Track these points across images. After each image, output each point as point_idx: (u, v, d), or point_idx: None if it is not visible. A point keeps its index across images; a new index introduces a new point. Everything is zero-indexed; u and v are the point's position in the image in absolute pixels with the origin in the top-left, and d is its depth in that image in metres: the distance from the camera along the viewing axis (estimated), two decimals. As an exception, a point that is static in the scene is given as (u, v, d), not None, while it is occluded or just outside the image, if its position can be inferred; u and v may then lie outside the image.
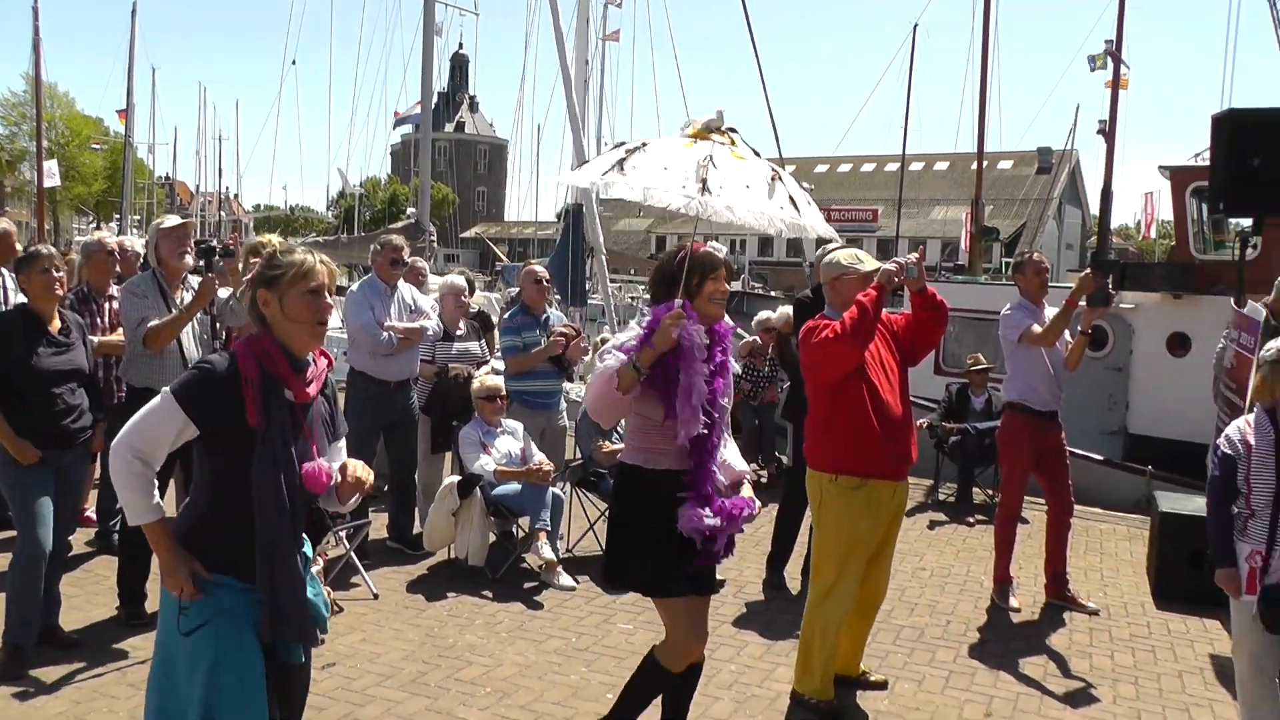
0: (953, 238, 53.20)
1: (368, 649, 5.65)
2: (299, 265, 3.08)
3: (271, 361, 3.05)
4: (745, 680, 5.41)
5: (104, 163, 69.05)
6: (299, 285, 3.07)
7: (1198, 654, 6.05)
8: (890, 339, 5.09)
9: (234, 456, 3.02)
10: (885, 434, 4.85)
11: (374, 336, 7.08)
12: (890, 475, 4.96)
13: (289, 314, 3.08)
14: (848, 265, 5.00)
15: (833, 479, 4.94)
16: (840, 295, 5.01)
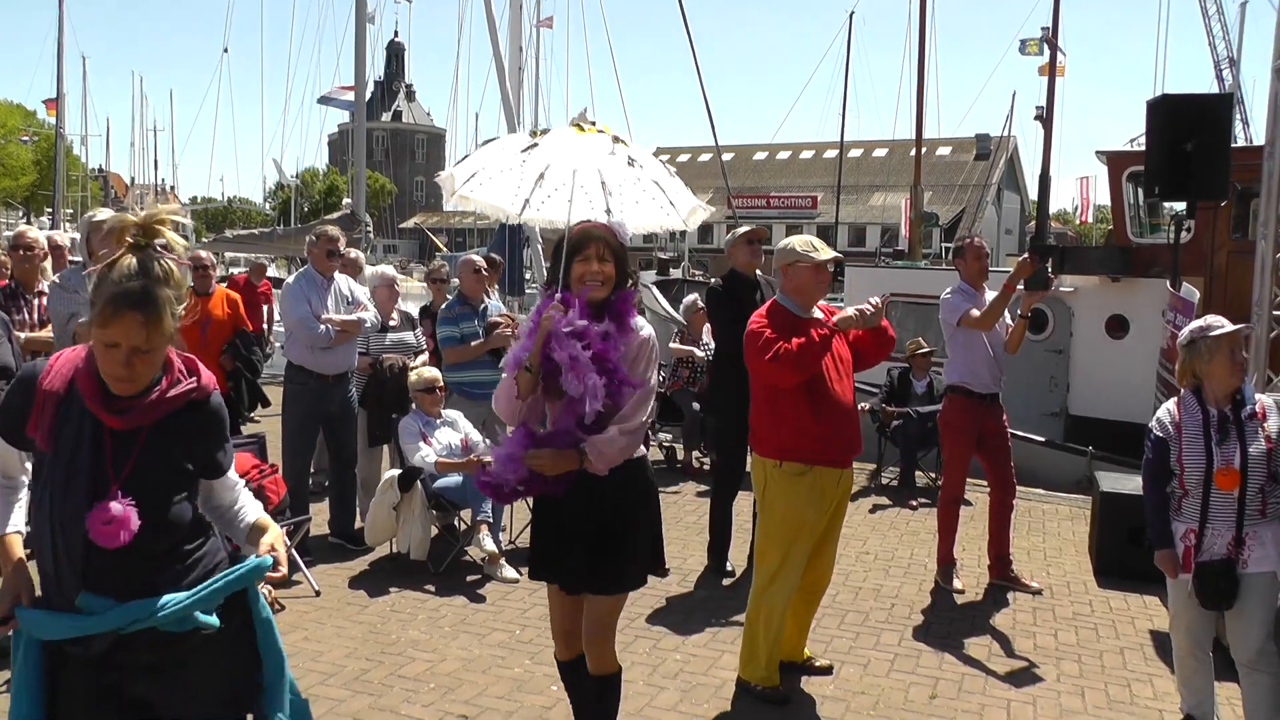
0: (892, 223, 53.72)
1: (310, 647, 5.55)
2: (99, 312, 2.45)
3: (80, 377, 2.54)
4: (690, 669, 5.39)
5: (33, 155, 67.63)
6: (96, 330, 2.48)
7: (1138, 630, 6.13)
8: None
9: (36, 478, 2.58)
10: (831, 422, 4.83)
11: (311, 330, 6.96)
12: (836, 462, 4.95)
13: (93, 351, 2.55)
14: (801, 253, 4.94)
15: (777, 465, 4.92)
16: (792, 281, 4.99)
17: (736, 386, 6.94)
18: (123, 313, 2.44)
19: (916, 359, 10.19)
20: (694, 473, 10.13)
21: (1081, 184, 42.32)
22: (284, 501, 6.59)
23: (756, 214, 61.04)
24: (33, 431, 2.52)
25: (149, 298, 2.47)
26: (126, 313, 2.44)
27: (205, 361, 8.36)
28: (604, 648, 3.93)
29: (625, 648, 5.62)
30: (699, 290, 15.33)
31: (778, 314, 4.99)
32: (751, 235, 7.04)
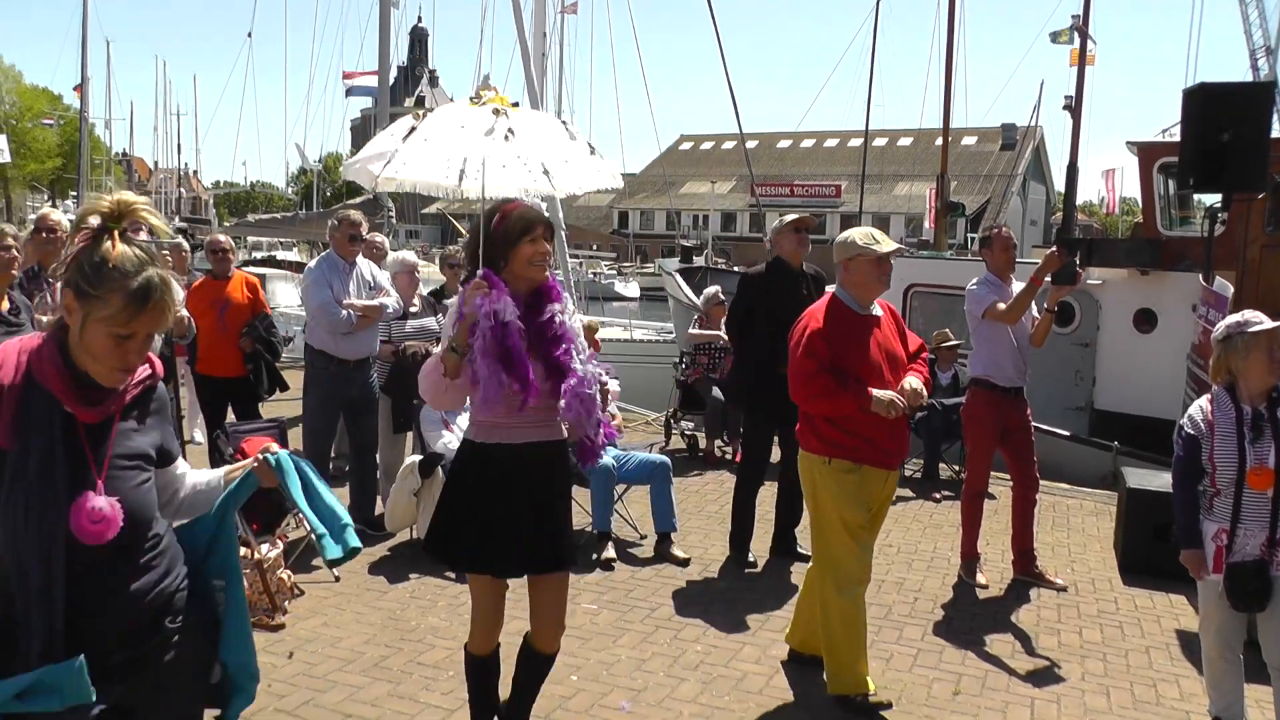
0: (917, 213, 53.48)
1: (329, 633, 5.54)
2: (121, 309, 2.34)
3: (44, 375, 2.36)
4: (711, 661, 5.35)
5: (58, 139, 68.00)
6: (110, 327, 2.35)
7: (1164, 629, 6.05)
8: (896, 328, 5.01)
9: None
10: (880, 421, 4.69)
11: (332, 315, 6.95)
12: (883, 463, 4.86)
13: (87, 344, 2.37)
14: (863, 245, 4.81)
15: (826, 462, 4.82)
16: (853, 275, 4.87)
17: (757, 376, 6.91)
18: (152, 302, 2.37)
19: (942, 351, 10.10)
20: (716, 462, 10.09)
21: (1107, 176, 41.91)
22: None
23: (780, 202, 60.92)
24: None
25: (167, 285, 2.42)
26: (156, 302, 2.38)
27: (224, 345, 8.34)
28: (562, 626, 4.09)
29: (645, 638, 5.60)
30: (721, 279, 15.29)
31: (836, 311, 4.88)
32: (799, 223, 6.96)
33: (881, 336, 4.87)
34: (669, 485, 7.17)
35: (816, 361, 4.72)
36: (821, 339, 4.76)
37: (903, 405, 4.63)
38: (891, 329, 4.96)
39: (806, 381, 4.75)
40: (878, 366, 4.77)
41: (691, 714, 4.75)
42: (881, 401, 4.59)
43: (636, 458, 7.35)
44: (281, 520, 6.39)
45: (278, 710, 4.62)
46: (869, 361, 4.77)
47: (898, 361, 4.88)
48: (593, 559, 6.86)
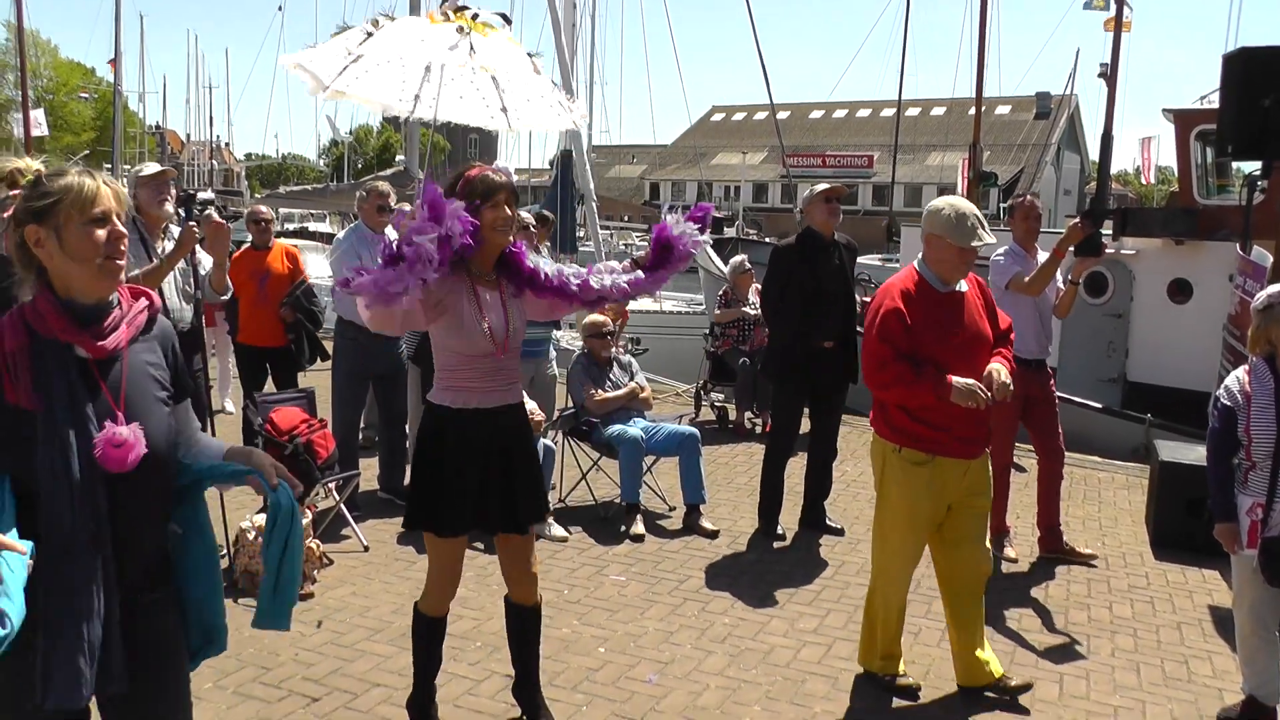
0: (949, 183, 52.96)
1: (357, 602, 5.58)
2: (76, 189, 2.43)
3: (42, 321, 2.41)
4: (739, 634, 5.34)
5: (93, 112, 68.41)
6: (78, 214, 2.42)
7: (1196, 605, 6.00)
8: (984, 305, 4.66)
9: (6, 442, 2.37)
10: (961, 413, 4.37)
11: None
12: (960, 453, 4.51)
13: (70, 252, 2.42)
14: (948, 230, 4.39)
15: (895, 450, 4.55)
16: (935, 252, 4.50)
17: (788, 347, 6.87)
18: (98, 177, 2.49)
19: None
20: (745, 434, 10.06)
21: (1143, 144, 41.32)
22: (333, 456, 6.61)
23: (812, 173, 60.47)
24: (11, 396, 2.35)
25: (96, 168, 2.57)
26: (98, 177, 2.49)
27: (265, 315, 8.43)
28: (534, 576, 4.26)
29: (673, 610, 5.60)
30: (753, 250, 15.22)
31: (917, 288, 4.51)
32: (830, 193, 6.89)
33: (966, 316, 4.52)
34: (698, 457, 7.16)
35: (891, 346, 4.40)
36: (897, 321, 4.42)
37: (985, 396, 4.29)
38: (978, 306, 4.60)
39: (879, 368, 4.42)
40: (961, 350, 4.44)
41: (718, 686, 4.75)
42: (962, 392, 4.27)
43: (665, 429, 7.34)
44: (310, 490, 6.42)
45: (305, 679, 4.66)
46: (950, 345, 4.43)
47: (983, 343, 4.55)
48: (621, 531, 6.87)
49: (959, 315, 4.50)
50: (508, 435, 3.98)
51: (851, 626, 5.47)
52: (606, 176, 73.80)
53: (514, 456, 4.00)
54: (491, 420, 3.91)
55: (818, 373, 6.84)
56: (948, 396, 4.28)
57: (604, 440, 7.29)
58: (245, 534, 5.67)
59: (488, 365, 3.84)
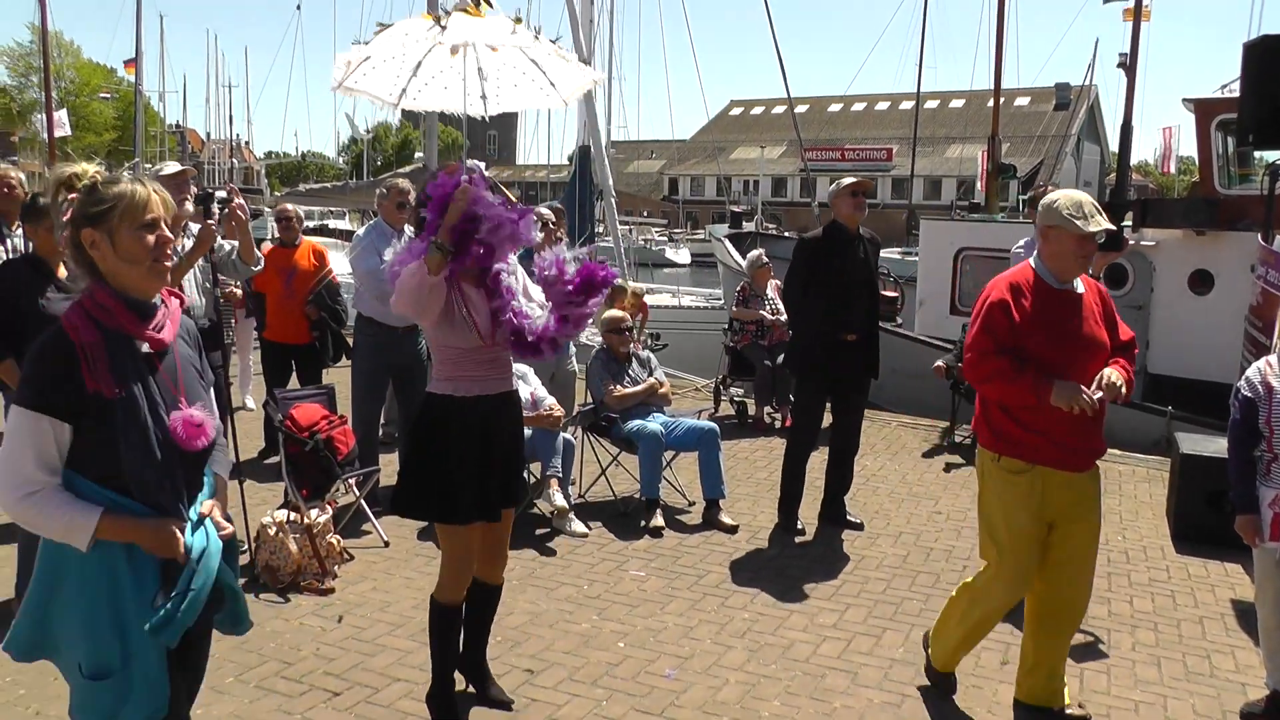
0: (969, 176, 52.75)
1: (378, 598, 5.60)
2: (129, 197, 2.63)
3: (110, 315, 2.62)
4: (759, 629, 5.35)
5: (114, 112, 68.81)
6: (130, 220, 2.62)
7: (1219, 599, 5.96)
8: (1102, 311, 4.32)
9: (92, 430, 2.57)
10: (1066, 419, 4.06)
11: (380, 282, 6.96)
12: (1064, 464, 4.20)
13: (122, 254, 2.63)
14: (1066, 217, 4.10)
15: (995, 459, 4.30)
16: (1050, 246, 4.20)
17: (811, 341, 6.86)
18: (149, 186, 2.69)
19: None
20: (765, 428, 10.06)
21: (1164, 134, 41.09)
22: (353, 452, 6.64)
23: (831, 166, 60.42)
24: (93, 386, 2.53)
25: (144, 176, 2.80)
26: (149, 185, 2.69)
27: (291, 312, 8.55)
28: (504, 558, 4.45)
29: (693, 605, 5.61)
30: (771, 244, 15.21)
31: (1027, 283, 4.24)
32: (856, 187, 6.87)
33: (1080, 319, 4.20)
34: (717, 452, 7.16)
35: (994, 339, 4.15)
36: (1003, 313, 4.17)
37: (1090, 401, 3.96)
38: (1095, 311, 4.26)
39: (979, 360, 4.19)
40: (1071, 352, 4.14)
41: (738, 681, 4.75)
42: (1063, 393, 3.97)
43: (685, 424, 7.34)
44: (330, 486, 6.45)
45: (327, 673, 4.68)
46: (1060, 345, 4.13)
47: (1098, 349, 4.20)
48: (641, 526, 6.88)
49: (1072, 316, 4.20)
50: (504, 420, 4.20)
51: (871, 621, 5.47)
52: (625, 172, 73.78)
53: (510, 441, 4.23)
54: (489, 406, 4.12)
55: (840, 367, 6.82)
56: (1047, 398, 4.00)
57: (623, 435, 7.30)
58: (266, 529, 5.71)
59: (477, 356, 4.06)
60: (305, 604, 5.50)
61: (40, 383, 2.53)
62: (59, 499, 2.54)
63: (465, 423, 4.07)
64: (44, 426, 2.53)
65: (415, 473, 4.15)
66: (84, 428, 2.55)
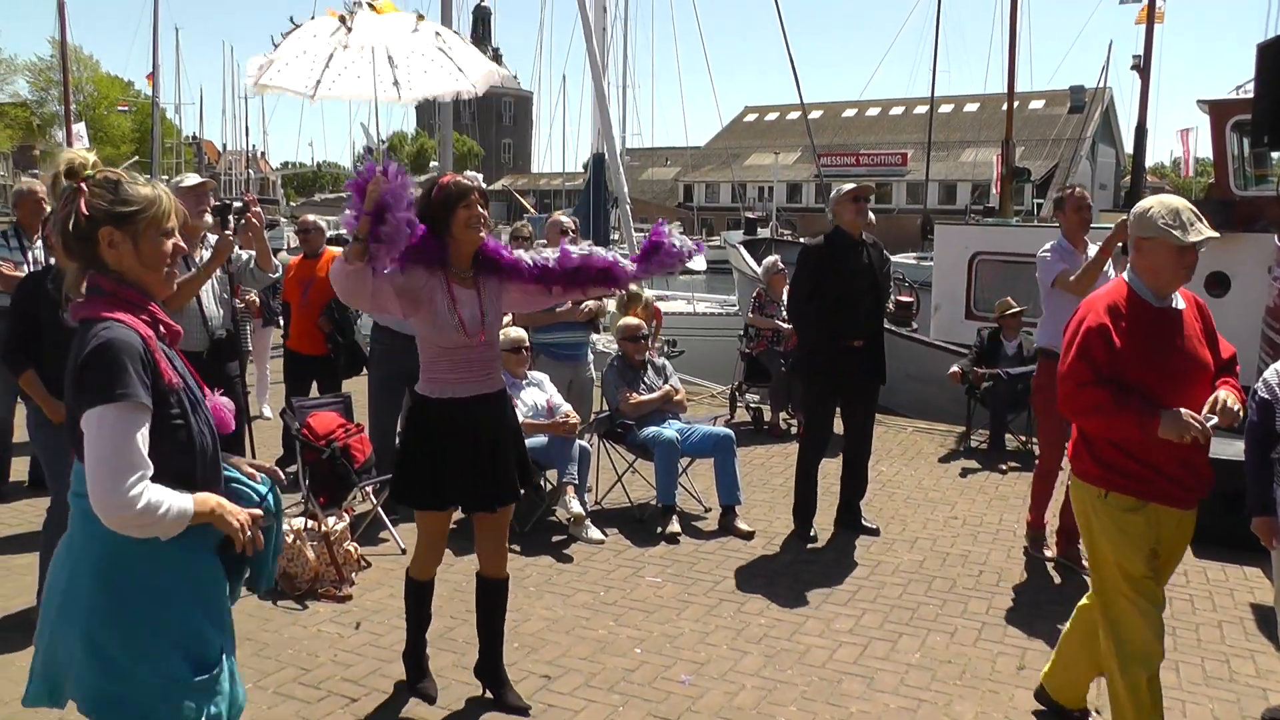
0: (983, 180, 52.69)
1: (395, 604, 5.61)
2: (158, 204, 2.61)
3: (140, 308, 2.62)
4: (775, 635, 5.35)
5: (132, 124, 69.36)
6: (157, 226, 2.61)
7: (1237, 602, 5.94)
8: (1203, 328, 3.96)
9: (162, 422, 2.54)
10: (1175, 449, 3.69)
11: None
12: (1177, 500, 3.84)
13: (145, 259, 2.60)
14: (1162, 228, 3.78)
15: (1102, 496, 3.89)
16: (1146, 259, 3.85)
17: (817, 347, 6.86)
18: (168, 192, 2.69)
19: (1006, 319, 9.98)
20: (780, 435, 10.06)
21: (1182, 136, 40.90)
22: (369, 460, 6.67)
23: (846, 171, 60.32)
24: (169, 374, 2.57)
25: None
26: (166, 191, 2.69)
27: (308, 323, 8.62)
28: (503, 553, 4.55)
29: (709, 611, 5.61)
30: (786, 250, 15.20)
31: (1124, 302, 3.86)
32: (858, 192, 6.87)
33: (1182, 338, 3.84)
34: (733, 458, 7.17)
35: (1091, 367, 3.77)
36: (1101, 339, 3.78)
37: (1202, 429, 3.58)
38: (1196, 328, 3.91)
39: (1076, 392, 3.80)
40: (1175, 378, 3.78)
41: (754, 687, 4.75)
42: (1174, 424, 3.57)
43: (701, 430, 7.36)
44: (348, 494, 6.48)
45: (344, 679, 4.71)
46: (1163, 370, 3.77)
47: (1201, 370, 3.84)
48: (657, 532, 6.89)
49: (1174, 337, 3.83)
50: (485, 421, 4.28)
51: (887, 626, 5.47)
52: (640, 179, 73.87)
53: (494, 440, 4.30)
54: (468, 408, 4.23)
55: (846, 372, 6.82)
56: (1154, 430, 3.61)
57: (639, 442, 7.32)
58: (284, 537, 5.73)
59: (462, 356, 4.17)
60: (323, 611, 5.53)
61: (130, 374, 2.44)
62: (156, 491, 2.45)
63: (440, 421, 4.22)
64: (142, 417, 2.46)
65: (398, 461, 4.38)
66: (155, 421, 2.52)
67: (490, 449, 4.29)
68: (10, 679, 4.60)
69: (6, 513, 7.05)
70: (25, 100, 64.13)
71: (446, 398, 4.21)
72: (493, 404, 4.32)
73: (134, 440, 2.44)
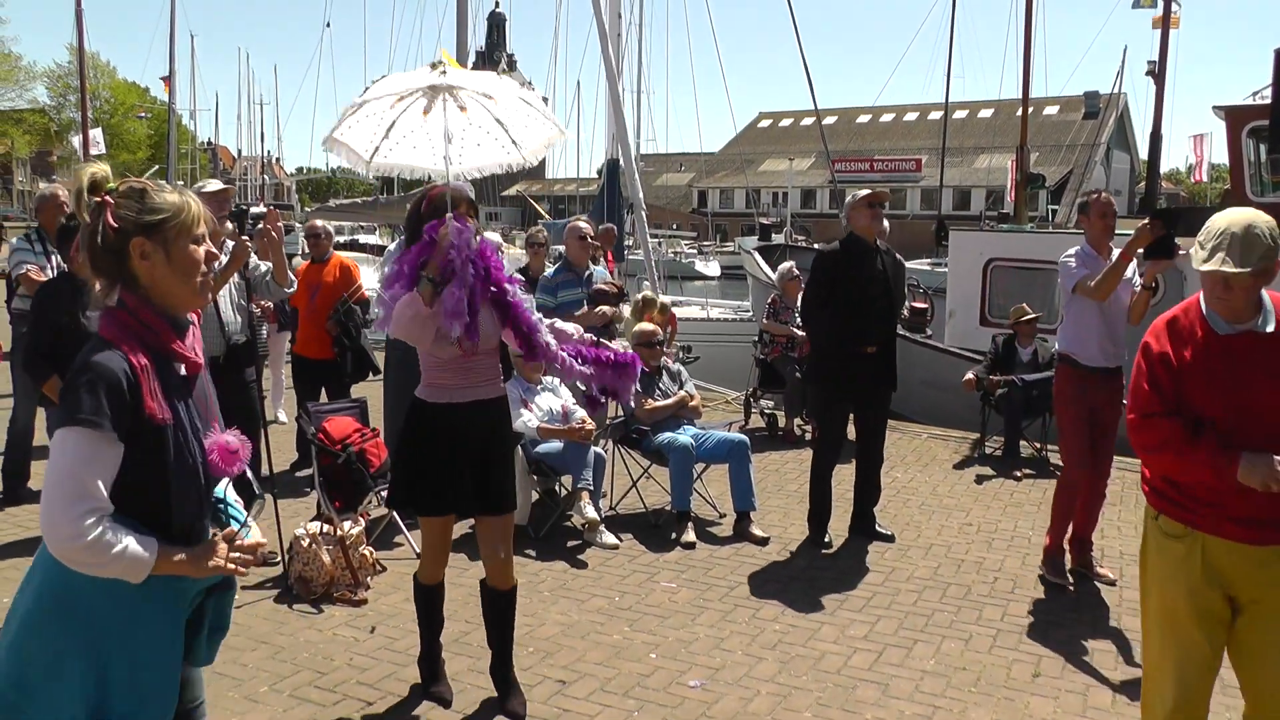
0: (998, 186, 52.60)
1: (410, 608, 5.59)
2: (186, 209, 2.53)
3: (155, 335, 2.49)
4: (789, 640, 5.35)
5: (148, 130, 69.74)
6: (187, 232, 2.53)
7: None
8: None
9: (139, 456, 2.40)
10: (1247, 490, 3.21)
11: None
12: (1237, 536, 3.32)
13: (177, 267, 2.51)
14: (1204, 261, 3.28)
15: (1154, 517, 3.56)
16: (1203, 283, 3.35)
17: (830, 352, 6.86)
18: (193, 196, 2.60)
19: (1021, 326, 9.96)
20: (795, 441, 10.06)
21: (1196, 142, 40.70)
22: (385, 465, 6.68)
23: (860, 177, 60.31)
24: (151, 408, 2.40)
25: None
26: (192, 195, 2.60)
27: (316, 327, 8.63)
28: (511, 563, 4.57)
29: (724, 617, 5.62)
30: (800, 256, 15.19)
31: (1186, 326, 3.42)
32: (872, 198, 6.87)
33: (1268, 366, 3.28)
34: (748, 464, 7.17)
35: (1159, 397, 3.37)
36: (1162, 366, 3.39)
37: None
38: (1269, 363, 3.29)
39: (1141, 423, 3.41)
40: (1254, 413, 3.27)
41: (769, 693, 4.76)
42: (1256, 471, 3.14)
43: (715, 436, 7.36)
44: (363, 498, 6.50)
45: (360, 683, 4.73)
46: (1237, 404, 3.28)
47: (1273, 395, 3.28)
48: (672, 538, 6.90)
49: (1254, 365, 3.29)
50: (482, 427, 4.36)
51: (902, 633, 5.46)
52: (654, 185, 73.87)
53: (490, 446, 4.39)
54: (465, 414, 4.31)
55: (858, 378, 6.81)
56: (1233, 477, 3.19)
57: (654, 448, 7.32)
58: (299, 541, 5.76)
59: (458, 365, 4.26)
60: (338, 615, 5.55)
61: (101, 402, 2.31)
62: (118, 524, 2.33)
63: (437, 427, 4.30)
64: (105, 448, 2.33)
65: (397, 465, 4.49)
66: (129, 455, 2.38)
67: (488, 452, 4.38)
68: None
69: (24, 515, 7.09)
70: (43, 106, 64.53)
71: (444, 402, 4.30)
72: (492, 410, 4.41)
73: (92, 470, 2.31)
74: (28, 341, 5.35)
